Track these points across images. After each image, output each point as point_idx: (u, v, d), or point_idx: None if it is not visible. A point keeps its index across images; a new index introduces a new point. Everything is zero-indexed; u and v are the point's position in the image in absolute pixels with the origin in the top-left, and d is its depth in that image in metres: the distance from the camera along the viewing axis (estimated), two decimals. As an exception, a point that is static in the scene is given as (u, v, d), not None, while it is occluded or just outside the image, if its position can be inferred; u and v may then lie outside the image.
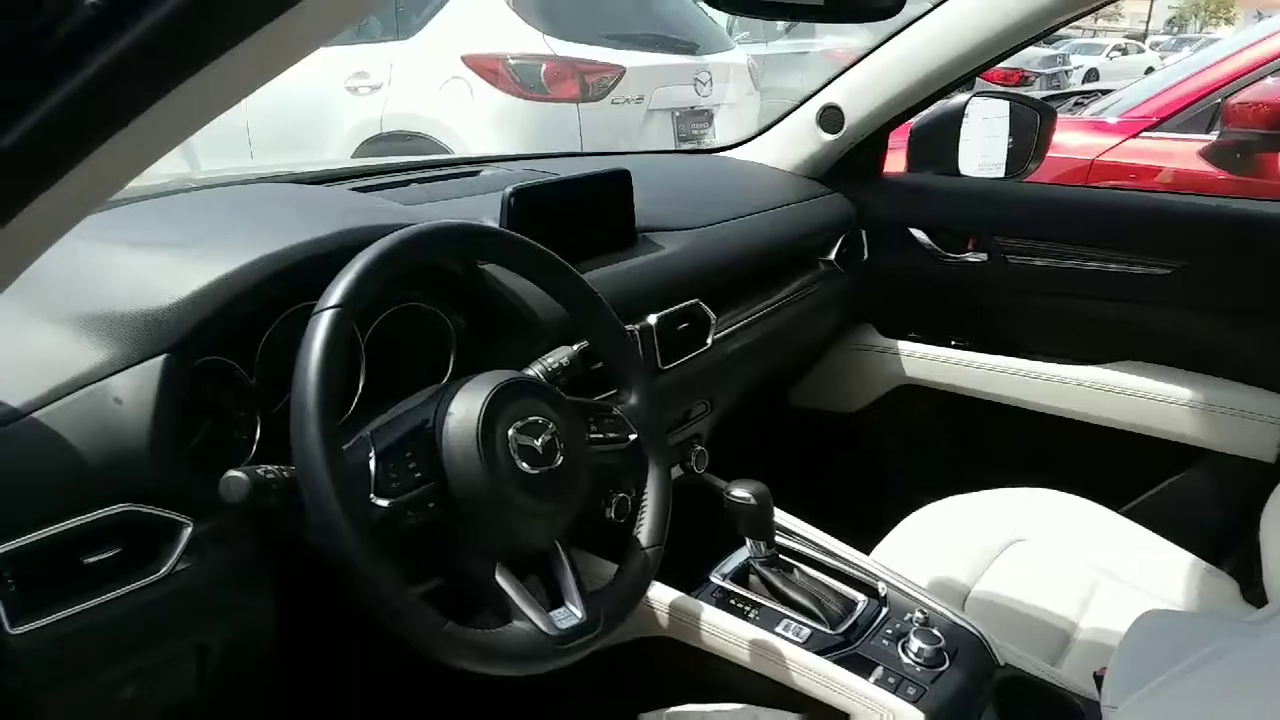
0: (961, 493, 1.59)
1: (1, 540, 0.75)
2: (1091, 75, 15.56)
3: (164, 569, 0.85)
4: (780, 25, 7.38)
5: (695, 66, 4.70)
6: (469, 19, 4.30)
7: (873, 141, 1.86)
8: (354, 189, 1.42)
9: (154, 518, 0.84)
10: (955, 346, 1.86)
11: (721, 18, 6.10)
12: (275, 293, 0.95)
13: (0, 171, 0.51)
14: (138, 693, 0.88)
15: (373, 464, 0.85)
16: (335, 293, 0.84)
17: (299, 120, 4.56)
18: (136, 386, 0.84)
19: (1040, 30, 1.61)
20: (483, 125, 4.18)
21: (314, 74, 4.53)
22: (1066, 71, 14.01)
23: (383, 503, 0.84)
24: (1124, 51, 19.34)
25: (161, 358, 0.86)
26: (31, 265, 0.67)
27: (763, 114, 4.94)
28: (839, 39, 6.37)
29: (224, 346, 0.95)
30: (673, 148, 4.39)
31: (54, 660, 0.79)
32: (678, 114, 4.60)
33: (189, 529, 0.86)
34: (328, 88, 4.45)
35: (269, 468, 0.83)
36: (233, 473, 0.81)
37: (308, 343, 0.82)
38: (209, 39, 0.48)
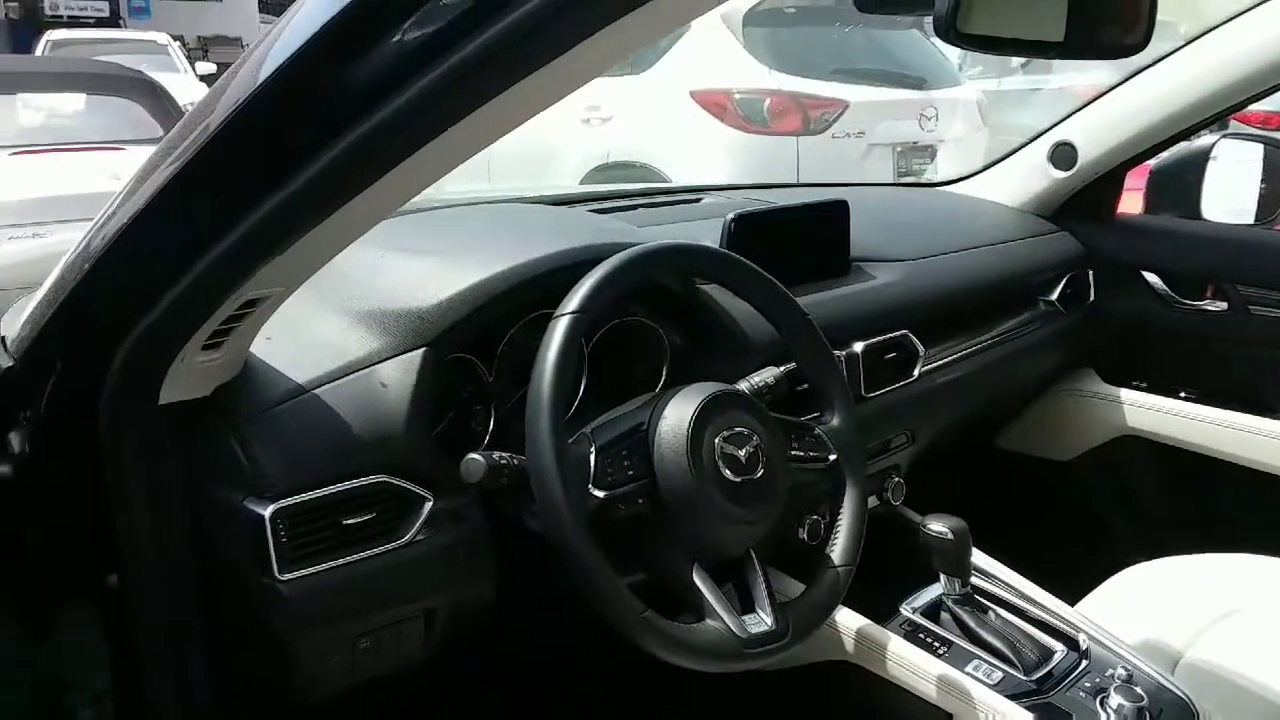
0: (1179, 554, 1.50)
1: (280, 498, 0.89)
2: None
3: (406, 536, 0.96)
4: (1015, 61, 7.11)
5: (921, 101, 4.63)
6: (701, 55, 4.44)
7: (1108, 180, 1.80)
8: (591, 210, 1.54)
9: (404, 490, 0.96)
10: (1184, 399, 1.75)
11: (953, 53, 5.97)
12: (519, 300, 1.06)
13: (331, 171, 0.62)
14: (372, 646, 1.00)
15: (593, 457, 0.93)
16: (574, 300, 0.94)
17: (534, 148, 4.86)
18: (400, 374, 0.97)
19: None
20: (704, 157, 4.30)
21: (554, 106, 4.82)
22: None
23: (599, 493, 0.92)
24: None
25: (422, 350, 0.99)
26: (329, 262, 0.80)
27: (990, 150, 4.79)
28: (1075, 75, 6.07)
29: (470, 345, 1.07)
30: (891, 182, 4.35)
31: (310, 607, 0.92)
32: (899, 148, 4.55)
33: (430, 503, 0.97)
34: (563, 118, 4.72)
35: (503, 454, 0.93)
36: (472, 455, 0.92)
37: (546, 343, 0.92)
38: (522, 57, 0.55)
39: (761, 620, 0.97)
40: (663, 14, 0.53)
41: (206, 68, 10.00)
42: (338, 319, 1.01)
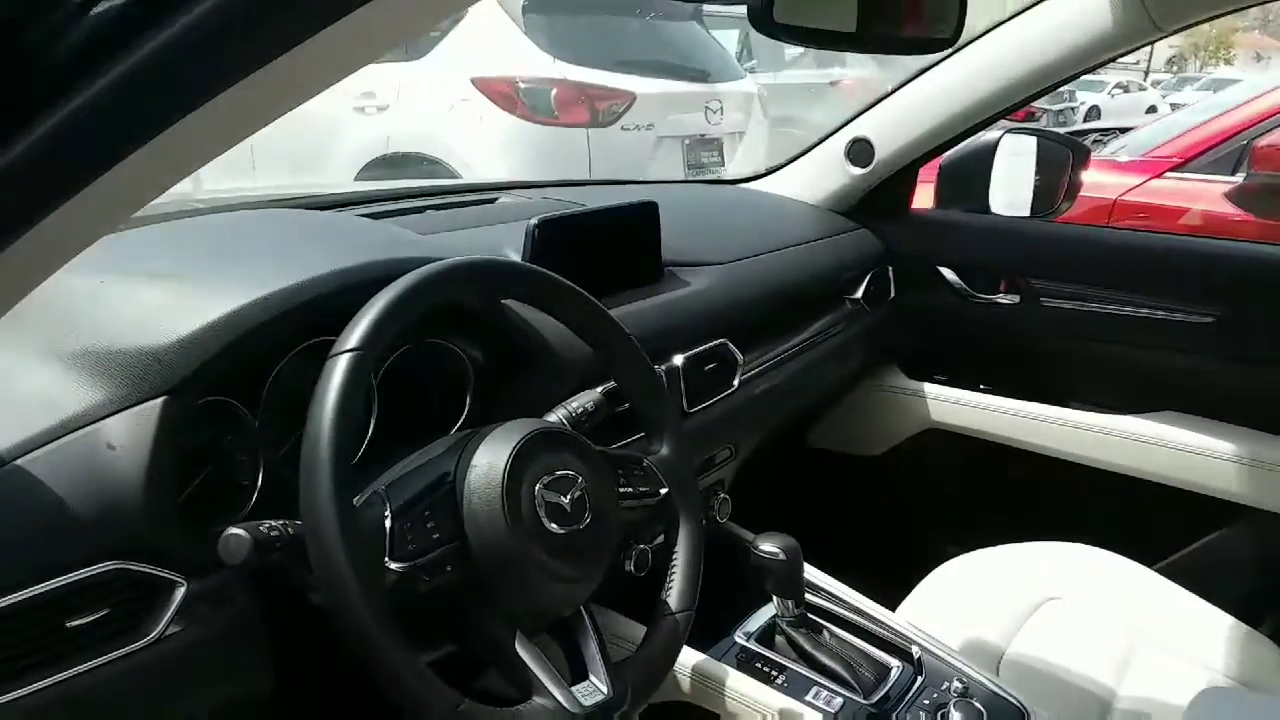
0: (989, 544, 1.52)
1: None
2: (1093, 113, 15.59)
3: (154, 632, 0.77)
4: (788, 55, 7.37)
5: (706, 94, 4.67)
6: (480, 41, 4.27)
7: (902, 176, 1.80)
8: (364, 214, 1.34)
9: (145, 575, 0.77)
10: (984, 391, 1.79)
11: (730, 46, 6.09)
12: (286, 330, 0.88)
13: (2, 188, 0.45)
14: None
15: (388, 523, 0.77)
16: (354, 335, 0.77)
17: (305, 139, 4.51)
18: (132, 430, 0.77)
19: (1080, 69, 1.56)
20: (491, 148, 4.14)
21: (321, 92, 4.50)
22: (1073, 109, 14.05)
23: (397, 566, 0.76)
24: (1125, 89, 19.40)
25: (160, 400, 0.78)
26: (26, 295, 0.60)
27: (772, 143, 4.91)
28: (846, 70, 6.35)
29: (227, 385, 0.88)
30: (682, 176, 4.35)
31: None
32: (688, 141, 4.57)
33: (183, 588, 0.78)
34: (334, 107, 4.40)
35: (273, 524, 0.75)
36: (233, 530, 0.73)
37: (323, 389, 0.75)
38: (229, 61, 0.41)
39: (596, 689, 0.85)
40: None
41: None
42: (48, 367, 0.79)
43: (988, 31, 1.57)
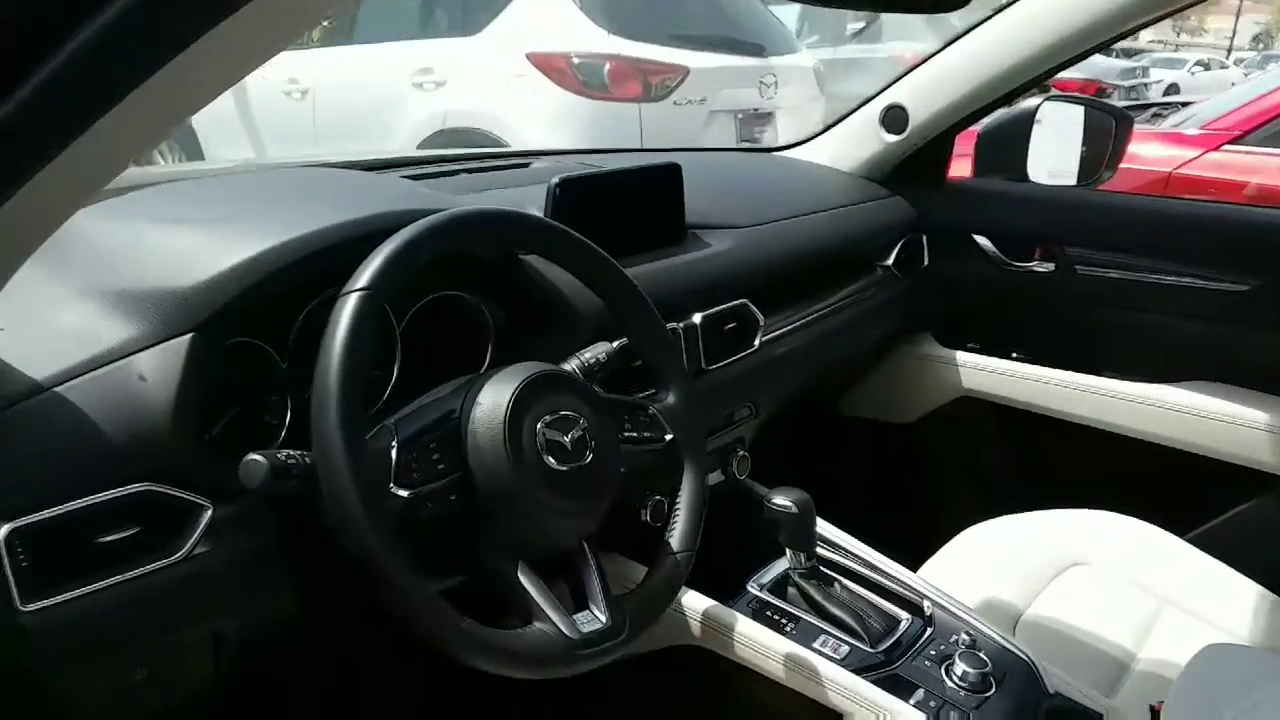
0: (1018, 512, 1.52)
1: (16, 515, 0.74)
2: (1172, 90, 15.04)
3: (181, 552, 0.83)
4: (849, 29, 7.28)
5: (761, 69, 4.64)
6: (535, 16, 4.30)
7: (938, 144, 1.80)
8: (405, 177, 1.40)
9: (173, 499, 0.83)
10: (1017, 359, 1.78)
11: (790, 20, 6.03)
12: (309, 275, 0.93)
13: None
14: (150, 677, 0.86)
15: (394, 452, 0.82)
16: (363, 275, 0.82)
17: (365, 114, 4.62)
18: (162, 364, 0.83)
19: (1114, 34, 1.53)
20: (544, 122, 4.18)
21: (381, 69, 4.60)
22: (1146, 85, 13.55)
23: (402, 493, 0.81)
24: (1206, 67, 18.67)
25: (188, 336, 0.84)
26: (64, 240, 0.66)
27: (827, 118, 4.85)
28: (906, 44, 6.25)
29: (257, 328, 0.93)
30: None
31: (65, 640, 0.77)
32: (741, 116, 4.55)
33: (209, 512, 0.84)
34: (394, 83, 4.50)
35: (291, 452, 0.81)
36: (252, 456, 0.79)
37: (332, 326, 0.80)
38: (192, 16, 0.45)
39: (595, 617, 0.89)
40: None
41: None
42: (86, 304, 0.85)
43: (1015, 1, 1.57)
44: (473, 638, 0.80)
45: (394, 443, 0.83)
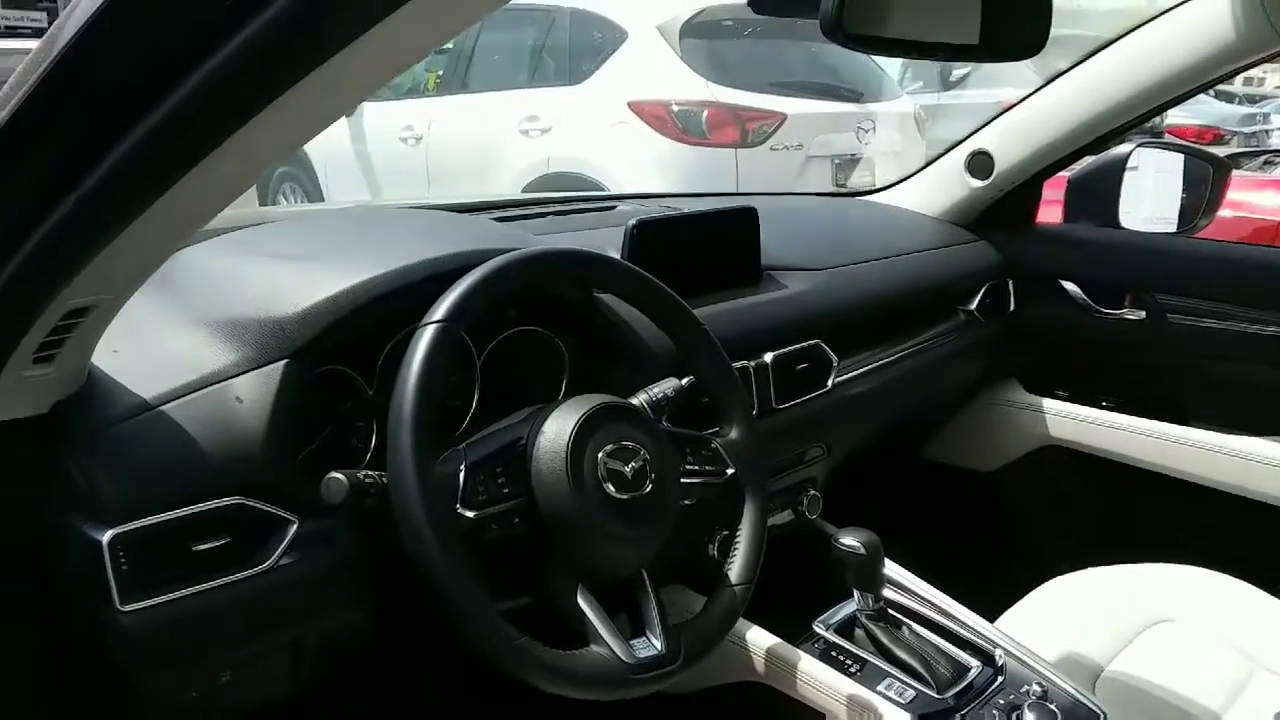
0: (1102, 565, 1.48)
1: (120, 522, 0.82)
2: (1293, 138, 14.26)
3: (267, 562, 0.89)
4: (956, 75, 7.21)
5: (859, 114, 4.66)
6: (639, 66, 4.43)
7: (1025, 189, 1.79)
8: (493, 218, 1.48)
9: (263, 512, 0.89)
10: (1105, 407, 1.74)
11: (893, 68, 6.03)
12: (395, 308, 1.00)
13: (123, 169, 0.55)
14: (234, 680, 0.93)
15: (462, 476, 0.87)
16: (440, 309, 0.88)
17: (474, 159, 4.82)
18: (257, 388, 0.90)
19: (1205, 81, 1.51)
20: (643, 168, 4.28)
21: (491, 116, 4.80)
22: (1268, 132, 12.90)
23: (469, 514, 0.86)
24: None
25: (282, 362, 0.92)
26: (172, 271, 0.73)
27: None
28: (1015, 90, 6.15)
29: (346, 357, 1.00)
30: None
31: (157, 640, 0.84)
32: (837, 161, 4.57)
33: (294, 526, 0.91)
34: (502, 129, 4.68)
35: (370, 473, 0.87)
36: (334, 475, 0.85)
37: (410, 355, 0.86)
38: (318, 41, 0.49)
39: (651, 644, 0.92)
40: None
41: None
42: (191, 331, 0.94)
43: (1109, 44, 1.56)
44: (528, 654, 0.84)
45: (462, 466, 0.88)
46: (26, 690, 0.91)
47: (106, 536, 0.81)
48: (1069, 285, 1.78)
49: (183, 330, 0.94)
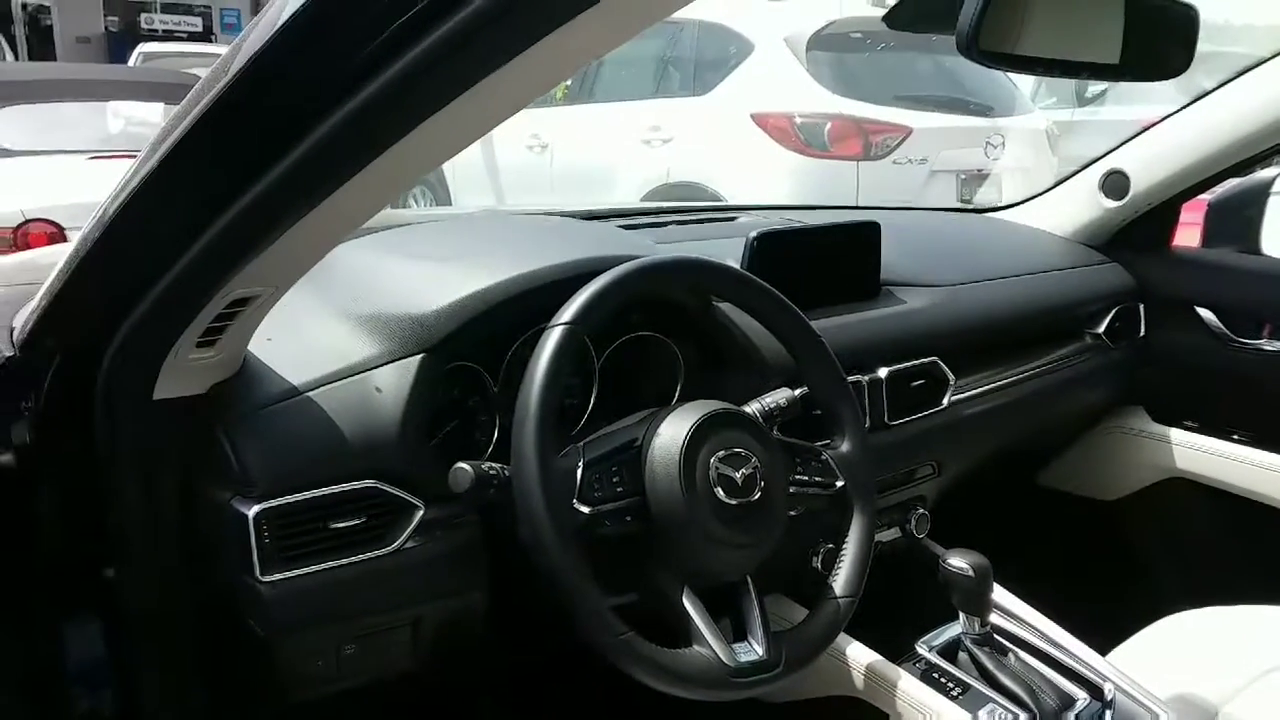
0: (1225, 604, 1.42)
1: (266, 498, 0.89)
2: None
3: (395, 544, 0.96)
4: (1092, 91, 6.94)
5: (987, 129, 4.55)
6: (764, 78, 4.43)
7: (1162, 211, 1.72)
8: (619, 226, 1.52)
9: (395, 497, 0.96)
10: (1237, 441, 1.66)
11: (1026, 83, 5.85)
12: (523, 309, 1.05)
13: (305, 164, 0.61)
14: (358, 653, 0.99)
15: (579, 472, 0.91)
16: (568, 311, 0.93)
17: (597, 167, 4.91)
18: (396, 379, 0.97)
19: None
20: (762, 180, 4.28)
21: (614, 126, 4.89)
22: None
23: (584, 509, 0.90)
24: None
25: (419, 356, 0.98)
26: (323, 267, 0.80)
27: (1058, 180, 4.67)
28: (1152, 108, 5.89)
29: (476, 354, 1.06)
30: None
31: (293, 609, 0.92)
32: (963, 176, 4.47)
33: (420, 512, 0.97)
34: (625, 139, 4.76)
35: (494, 465, 0.92)
36: (460, 465, 0.91)
37: (537, 354, 0.91)
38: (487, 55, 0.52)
39: (753, 649, 0.94)
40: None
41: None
42: (339, 323, 1.01)
43: (1258, 64, 1.49)
44: (631, 648, 0.87)
45: (580, 463, 0.92)
46: (180, 655, 0.99)
47: (253, 511, 0.88)
48: (1204, 312, 1.71)
49: (330, 322, 1.01)
